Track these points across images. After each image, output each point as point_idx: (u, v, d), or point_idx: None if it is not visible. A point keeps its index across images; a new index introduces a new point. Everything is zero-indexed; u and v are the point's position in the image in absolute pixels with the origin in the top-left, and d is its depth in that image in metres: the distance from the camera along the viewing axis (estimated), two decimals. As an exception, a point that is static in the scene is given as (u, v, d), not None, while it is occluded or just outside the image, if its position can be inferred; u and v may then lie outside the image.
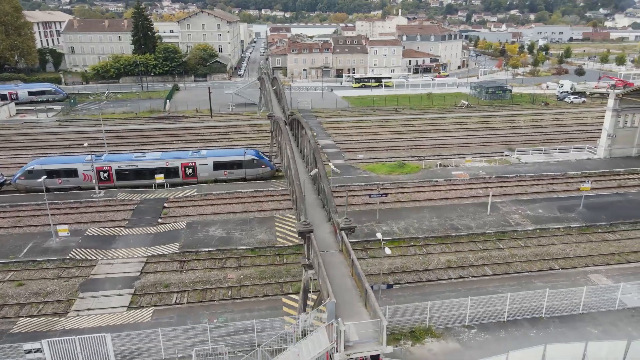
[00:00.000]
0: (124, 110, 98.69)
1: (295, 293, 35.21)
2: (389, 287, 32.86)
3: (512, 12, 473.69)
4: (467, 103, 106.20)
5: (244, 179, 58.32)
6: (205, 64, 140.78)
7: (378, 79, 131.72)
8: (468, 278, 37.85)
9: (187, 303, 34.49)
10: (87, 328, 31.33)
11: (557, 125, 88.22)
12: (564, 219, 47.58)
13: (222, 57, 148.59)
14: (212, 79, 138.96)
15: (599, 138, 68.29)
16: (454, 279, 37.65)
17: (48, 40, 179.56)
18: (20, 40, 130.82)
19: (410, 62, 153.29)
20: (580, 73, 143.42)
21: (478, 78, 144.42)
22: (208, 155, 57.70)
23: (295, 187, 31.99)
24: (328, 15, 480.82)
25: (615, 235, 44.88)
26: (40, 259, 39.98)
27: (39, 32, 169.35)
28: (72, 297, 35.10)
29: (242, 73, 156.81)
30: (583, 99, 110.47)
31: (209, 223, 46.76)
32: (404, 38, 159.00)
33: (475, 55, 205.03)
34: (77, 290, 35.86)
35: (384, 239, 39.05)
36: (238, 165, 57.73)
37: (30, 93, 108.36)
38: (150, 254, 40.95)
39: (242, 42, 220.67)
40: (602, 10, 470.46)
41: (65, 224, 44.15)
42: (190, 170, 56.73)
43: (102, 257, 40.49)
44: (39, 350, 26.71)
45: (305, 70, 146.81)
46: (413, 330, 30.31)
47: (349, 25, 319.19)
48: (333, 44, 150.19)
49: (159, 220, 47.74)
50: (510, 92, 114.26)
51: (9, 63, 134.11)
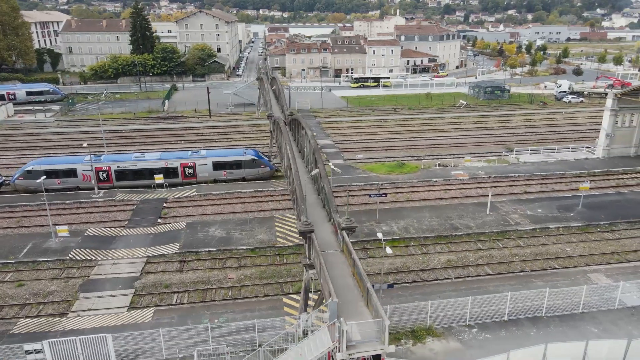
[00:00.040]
0: (123, 111, 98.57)
1: (296, 293, 35.24)
2: (390, 286, 32.91)
3: (509, 12, 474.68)
4: (465, 103, 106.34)
5: (244, 179, 58.30)
6: (204, 64, 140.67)
7: (376, 79, 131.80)
8: (468, 277, 37.91)
9: (187, 303, 34.46)
10: (87, 328, 31.29)
11: (555, 125, 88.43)
12: (563, 219, 47.71)
13: (220, 57, 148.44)
14: (210, 79, 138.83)
15: (598, 138, 68.53)
16: (454, 279, 37.70)
17: (46, 41, 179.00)
18: (18, 41, 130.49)
19: (409, 62, 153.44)
20: (578, 73, 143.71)
21: (476, 78, 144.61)
22: (207, 156, 57.63)
23: (296, 187, 31.96)
24: (326, 16, 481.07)
25: (614, 235, 45.03)
26: (40, 260, 39.89)
27: (37, 32, 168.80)
28: (72, 297, 35.04)
29: (240, 73, 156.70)
30: (581, 99, 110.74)
31: (209, 223, 46.73)
32: (402, 38, 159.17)
33: (473, 55, 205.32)
34: (77, 291, 35.80)
35: (384, 239, 39.09)
36: (237, 166, 57.70)
37: (28, 93, 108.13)
38: (150, 255, 40.90)
39: (240, 42, 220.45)
40: (599, 10, 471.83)
41: (65, 225, 44.13)
42: (190, 171, 56.67)
43: (102, 257, 40.44)
44: (40, 351, 26.66)
45: (304, 70, 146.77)
46: (414, 330, 30.37)
47: (347, 25, 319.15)
48: (331, 44, 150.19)
49: (159, 221, 47.70)
50: (509, 92, 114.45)
51: (7, 63, 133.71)
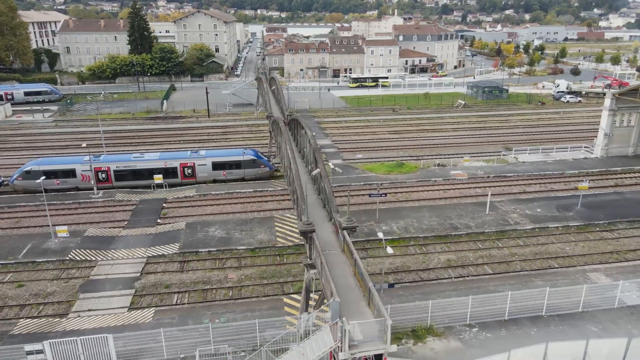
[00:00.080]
0: (121, 111, 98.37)
1: (296, 293, 35.24)
2: (391, 286, 32.95)
3: (507, 12, 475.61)
4: (464, 103, 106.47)
5: (243, 179, 58.28)
6: (202, 64, 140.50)
7: (375, 79, 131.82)
8: (468, 277, 37.98)
9: (188, 303, 34.44)
10: (88, 329, 31.25)
11: (553, 125, 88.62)
12: (563, 218, 47.84)
13: (218, 57, 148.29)
14: (208, 79, 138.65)
15: (596, 137, 68.72)
16: (454, 278, 37.77)
17: (43, 41, 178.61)
18: (16, 41, 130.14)
19: (407, 62, 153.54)
20: (576, 73, 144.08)
21: (474, 78, 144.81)
22: (207, 156, 57.58)
23: (296, 187, 31.97)
24: (324, 16, 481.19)
25: (613, 234, 45.16)
26: (40, 260, 39.81)
27: (34, 32, 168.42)
28: (72, 298, 34.98)
29: (238, 73, 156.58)
30: (579, 99, 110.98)
31: (209, 223, 46.71)
32: (401, 38, 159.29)
33: (472, 55, 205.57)
34: (77, 291, 35.74)
35: (385, 239, 39.15)
36: (237, 166, 57.66)
37: (26, 93, 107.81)
38: (150, 255, 40.86)
39: (238, 42, 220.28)
40: (596, 10, 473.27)
41: (64, 225, 44.05)
42: (189, 171, 56.61)
43: (101, 257, 40.38)
44: (41, 352, 26.62)
45: (302, 70, 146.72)
46: (415, 330, 30.42)
47: (345, 25, 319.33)
48: (330, 44, 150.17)
49: (158, 221, 47.64)
50: (507, 91, 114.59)
51: (4, 63, 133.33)
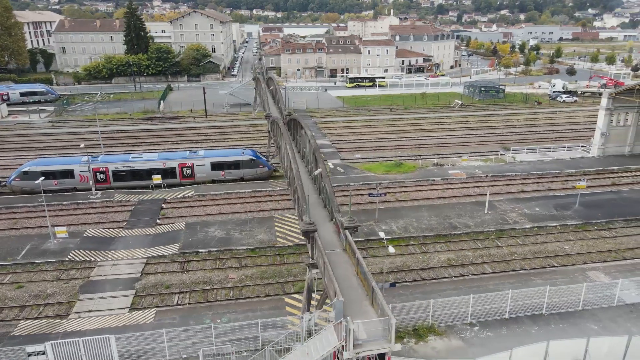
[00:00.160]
0: (118, 111, 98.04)
1: (297, 293, 35.27)
2: (392, 285, 33.04)
3: (502, 12, 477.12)
4: (461, 102, 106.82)
5: (242, 179, 58.23)
6: (199, 64, 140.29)
7: (372, 79, 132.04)
8: (468, 276, 38.11)
9: (189, 304, 34.39)
10: (89, 330, 31.16)
11: (550, 125, 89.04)
12: (561, 217, 48.09)
13: (215, 57, 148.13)
14: (205, 79, 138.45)
15: (593, 137, 69.07)
16: (455, 277, 37.89)
17: (38, 41, 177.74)
18: (11, 41, 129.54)
19: (404, 62, 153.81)
20: (572, 72, 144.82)
21: (471, 78, 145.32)
22: (205, 156, 57.49)
23: (297, 187, 32.01)
24: (319, 16, 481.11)
25: (611, 233, 45.44)
26: (39, 261, 39.65)
27: (29, 32, 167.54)
28: (72, 299, 34.85)
29: (235, 73, 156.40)
30: (575, 98, 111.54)
31: (208, 224, 46.65)
32: (397, 38, 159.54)
33: (467, 55, 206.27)
34: (77, 292, 35.61)
35: (385, 238, 39.18)
36: (236, 166, 57.60)
37: (22, 94, 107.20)
38: (150, 255, 40.76)
39: (234, 42, 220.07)
40: (590, 11, 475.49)
41: (63, 226, 43.87)
42: (188, 171, 56.50)
43: (101, 258, 40.25)
44: (43, 353, 26.51)
45: (299, 70, 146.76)
46: (416, 329, 30.49)
47: (341, 25, 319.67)
48: (326, 44, 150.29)
49: (158, 221, 47.53)
50: (503, 91, 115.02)
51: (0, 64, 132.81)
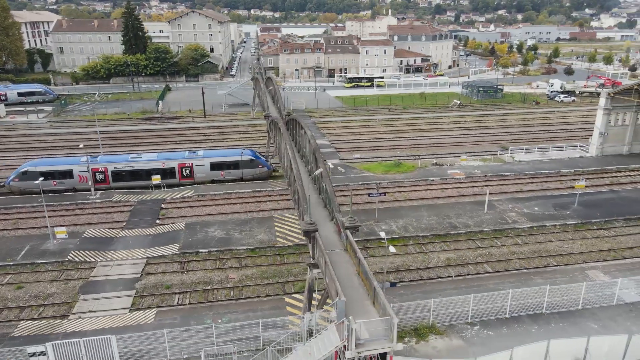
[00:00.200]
0: (116, 111, 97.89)
1: (298, 292, 35.29)
2: (393, 285, 33.10)
3: (499, 12, 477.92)
4: (459, 102, 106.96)
5: (241, 180, 58.20)
6: (197, 64, 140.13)
7: (370, 79, 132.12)
8: (468, 275, 38.18)
9: (189, 304, 34.37)
10: (89, 330, 31.11)
11: (548, 124, 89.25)
12: (560, 217, 48.21)
13: (213, 57, 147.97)
14: (203, 80, 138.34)
15: (591, 136, 69.25)
16: (455, 277, 37.95)
17: (36, 41, 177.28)
18: (8, 41, 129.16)
19: (402, 62, 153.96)
20: (569, 72, 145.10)
21: (469, 77, 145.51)
22: (205, 156, 57.44)
23: (298, 186, 32.02)
24: (317, 16, 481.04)
25: (610, 232, 45.57)
26: (39, 262, 39.56)
27: (27, 32, 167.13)
28: (72, 299, 34.79)
29: (233, 73, 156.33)
30: (573, 98, 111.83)
31: (208, 224, 46.61)
32: (395, 38, 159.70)
33: (466, 55, 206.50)
34: (77, 293, 35.55)
35: (386, 238, 39.21)
36: (235, 166, 57.56)
37: (20, 94, 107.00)
38: (150, 255, 40.71)
39: (232, 42, 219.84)
40: (587, 11, 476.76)
41: (63, 226, 43.78)
42: (187, 171, 56.45)
43: (101, 259, 40.19)
44: (44, 354, 26.44)
45: (297, 71, 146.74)
46: (417, 328, 30.52)
47: (339, 25, 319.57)
48: (325, 44, 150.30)
49: (157, 222, 47.47)
50: (502, 91, 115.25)
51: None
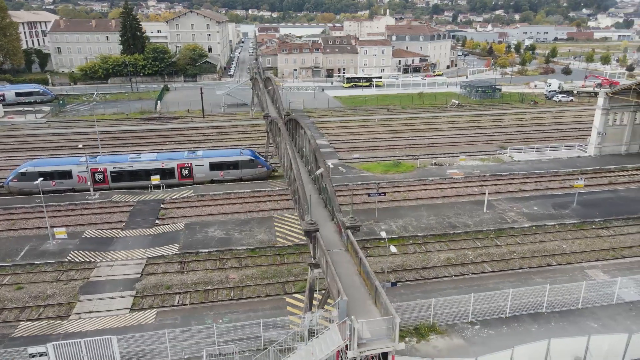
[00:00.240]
0: (115, 111, 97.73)
1: (298, 292, 35.31)
2: (393, 284, 33.14)
3: (497, 12, 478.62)
4: (457, 102, 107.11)
5: (240, 180, 58.17)
6: (195, 64, 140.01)
7: (369, 79, 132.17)
8: (468, 275, 38.25)
9: (190, 304, 34.34)
10: (90, 331, 31.05)
11: (547, 124, 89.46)
12: (559, 216, 48.33)
13: (211, 57, 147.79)
14: (202, 80, 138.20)
15: (589, 136, 69.46)
16: (455, 276, 38.01)
17: (34, 41, 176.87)
18: (6, 41, 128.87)
19: (400, 61, 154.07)
20: (567, 72, 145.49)
21: (467, 77, 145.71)
22: (204, 156, 57.39)
23: (298, 186, 32.02)
24: (315, 16, 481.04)
25: (609, 231, 45.71)
26: (38, 262, 39.48)
27: (24, 32, 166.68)
28: (72, 300, 34.74)
29: (232, 73, 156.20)
30: (571, 98, 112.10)
31: (208, 224, 46.58)
32: (394, 38, 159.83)
33: (464, 55, 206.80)
34: (77, 293, 35.49)
35: (386, 238, 39.22)
36: (234, 166, 57.53)
37: (18, 94, 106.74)
38: (150, 256, 40.67)
39: (230, 42, 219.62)
40: (585, 11, 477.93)
41: (62, 227, 43.69)
42: (186, 171, 56.39)
43: (101, 259, 40.13)
44: (44, 354, 26.39)
45: (296, 70, 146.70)
46: (418, 327, 30.55)
47: (337, 25, 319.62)
48: (323, 44, 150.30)
49: (157, 222, 47.42)
50: (500, 91, 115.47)
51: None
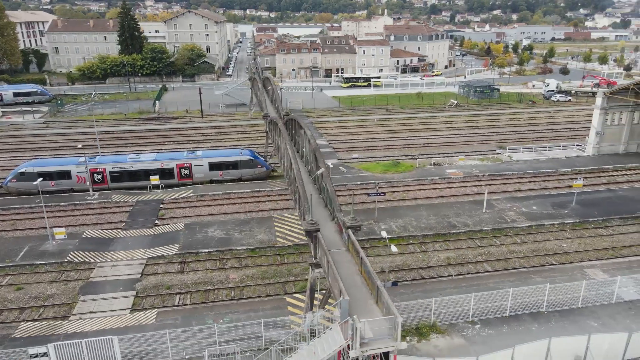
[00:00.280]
0: (113, 112, 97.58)
1: (299, 292, 35.33)
2: (394, 284, 33.16)
3: (494, 12, 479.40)
4: (456, 102, 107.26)
5: (240, 180, 58.15)
6: (193, 64, 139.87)
7: (367, 79, 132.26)
8: (468, 274, 38.33)
9: (190, 304, 34.34)
10: (90, 331, 30.99)
11: (545, 124, 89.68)
12: (558, 215, 48.46)
13: (210, 57, 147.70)
14: (200, 80, 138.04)
15: (587, 136, 69.65)
16: (455, 276, 38.09)
17: (31, 41, 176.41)
18: (3, 41, 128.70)
19: (398, 61, 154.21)
20: (565, 72, 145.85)
21: (465, 77, 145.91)
22: (203, 156, 57.35)
23: (298, 186, 32.02)
24: (313, 16, 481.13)
25: (608, 231, 45.85)
26: (38, 263, 39.41)
27: (22, 32, 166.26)
28: (72, 300, 34.69)
29: (230, 73, 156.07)
30: (569, 98, 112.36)
31: (207, 224, 46.56)
32: (392, 38, 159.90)
33: (462, 55, 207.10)
34: (77, 294, 35.44)
35: (387, 237, 39.28)
36: (234, 166, 57.50)
37: (16, 94, 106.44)
38: (150, 256, 40.63)
39: (228, 42, 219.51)
40: (582, 11, 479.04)
41: (62, 227, 43.60)
42: (186, 171, 56.35)
43: (100, 259, 40.08)
44: (45, 355, 26.32)
45: (294, 70, 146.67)
46: (418, 327, 30.55)
47: (335, 25, 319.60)
48: (321, 44, 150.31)
49: (156, 222, 47.37)
50: (498, 91, 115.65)
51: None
